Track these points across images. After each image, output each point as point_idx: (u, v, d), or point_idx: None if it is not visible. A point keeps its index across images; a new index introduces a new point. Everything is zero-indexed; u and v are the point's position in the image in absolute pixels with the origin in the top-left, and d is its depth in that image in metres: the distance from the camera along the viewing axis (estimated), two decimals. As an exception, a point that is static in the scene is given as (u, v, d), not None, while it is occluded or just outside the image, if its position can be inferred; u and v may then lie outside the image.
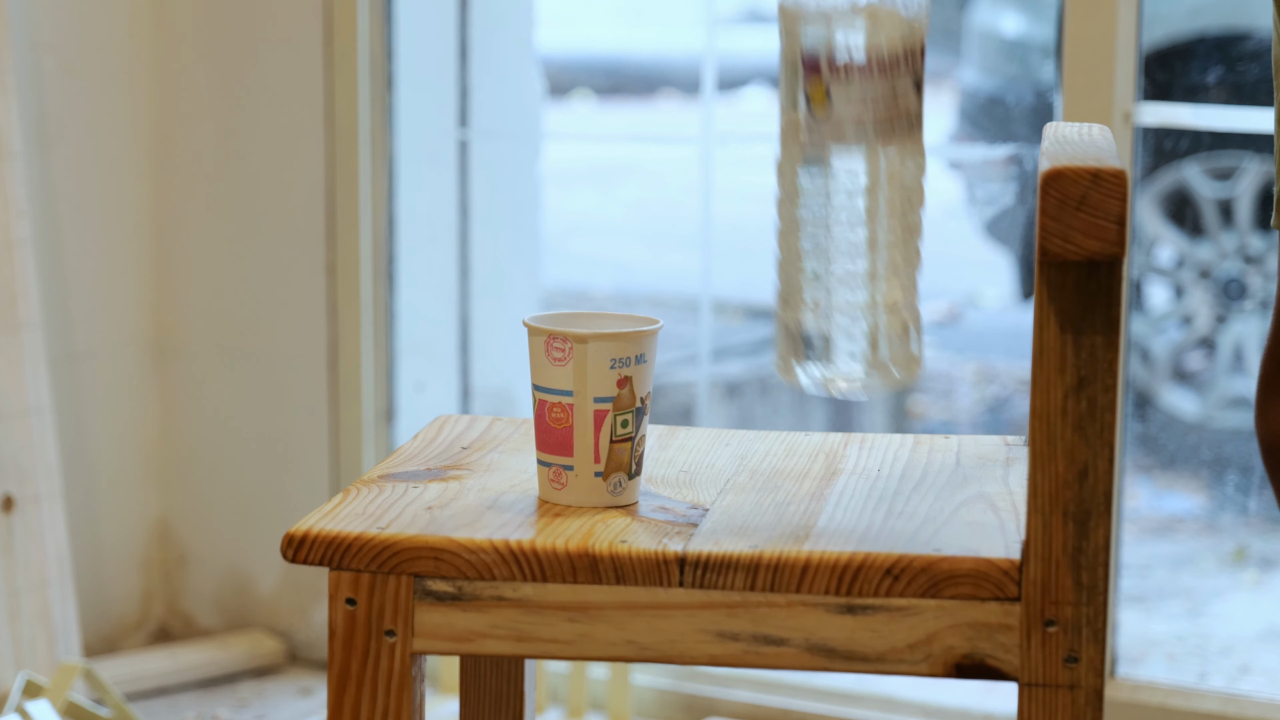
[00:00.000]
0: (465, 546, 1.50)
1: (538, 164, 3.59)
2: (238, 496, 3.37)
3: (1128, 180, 1.39)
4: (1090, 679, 1.46)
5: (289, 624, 3.36)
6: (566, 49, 7.02)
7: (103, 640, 3.33)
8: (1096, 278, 1.41)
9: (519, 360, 3.24)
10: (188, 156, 3.34)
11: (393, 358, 3.27)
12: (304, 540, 1.52)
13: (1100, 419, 1.43)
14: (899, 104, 1.55)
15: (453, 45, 3.36)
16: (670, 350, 4.09)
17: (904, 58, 1.54)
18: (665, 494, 1.63)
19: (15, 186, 2.99)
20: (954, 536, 1.51)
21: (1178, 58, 4.36)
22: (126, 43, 3.30)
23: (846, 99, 1.53)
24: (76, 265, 3.26)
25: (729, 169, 3.41)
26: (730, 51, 6.46)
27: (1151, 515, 4.25)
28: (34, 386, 3.01)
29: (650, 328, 1.61)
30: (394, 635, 1.51)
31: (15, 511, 2.99)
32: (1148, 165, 4.26)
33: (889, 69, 1.54)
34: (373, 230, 3.22)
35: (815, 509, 1.58)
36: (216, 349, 3.35)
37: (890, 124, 1.54)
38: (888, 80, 1.53)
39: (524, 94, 3.50)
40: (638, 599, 1.49)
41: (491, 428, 1.82)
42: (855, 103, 1.53)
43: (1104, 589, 1.45)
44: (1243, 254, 4.46)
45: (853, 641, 1.48)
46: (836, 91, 1.53)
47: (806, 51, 1.54)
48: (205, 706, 3.17)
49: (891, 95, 1.54)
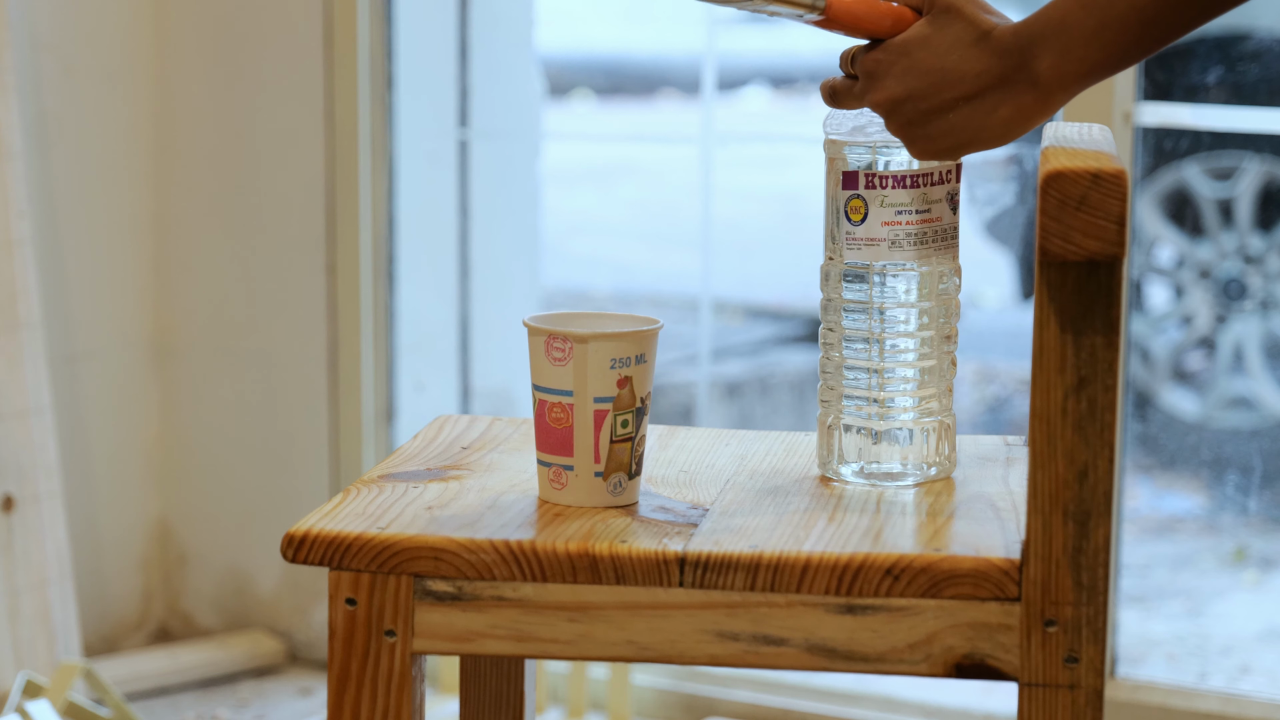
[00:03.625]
0: (465, 546, 1.50)
1: (538, 164, 3.59)
2: (238, 496, 3.37)
3: (1128, 180, 1.39)
4: (1090, 679, 1.45)
5: (289, 624, 3.36)
6: (566, 49, 7.02)
7: (103, 640, 3.33)
8: (1096, 278, 1.41)
9: (519, 360, 3.24)
10: (188, 156, 3.33)
11: (393, 358, 3.27)
12: (304, 540, 1.52)
13: (1100, 419, 1.43)
14: (933, 216, 1.62)
15: (453, 45, 3.36)
16: (670, 350, 4.09)
17: (940, 172, 1.61)
18: (665, 494, 1.63)
19: (15, 186, 2.99)
20: (954, 536, 1.51)
21: (1178, 58, 4.36)
22: (126, 43, 3.30)
23: (881, 210, 1.60)
24: (76, 265, 3.26)
25: (729, 169, 3.41)
26: (730, 51, 6.46)
27: (1151, 515, 4.25)
28: (34, 386, 3.01)
29: (650, 328, 1.61)
30: (394, 635, 1.51)
31: (15, 511, 2.99)
32: (1148, 165, 4.26)
33: (923, 182, 1.60)
34: (373, 230, 3.22)
35: (815, 509, 1.58)
36: (216, 349, 3.35)
37: (923, 237, 1.61)
38: (921, 191, 1.60)
39: (524, 94, 3.50)
40: (638, 599, 1.49)
41: (491, 428, 1.82)
42: (890, 212, 1.60)
43: (1104, 589, 1.45)
44: (1243, 254, 4.46)
45: (853, 641, 1.48)
46: (872, 202, 1.61)
47: (847, 171, 1.62)
48: (205, 706, 3.17)
49: (925, 207, 1.61)
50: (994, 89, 1.45)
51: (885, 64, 1.49)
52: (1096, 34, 1.40)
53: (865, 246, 1.62)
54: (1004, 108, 1.47)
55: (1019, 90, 1.45)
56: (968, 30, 1.46)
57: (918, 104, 1.49)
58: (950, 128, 1.49)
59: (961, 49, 1.45)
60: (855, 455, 1.65)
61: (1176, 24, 1.38)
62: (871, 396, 1.63)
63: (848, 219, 1.62)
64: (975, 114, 1.47)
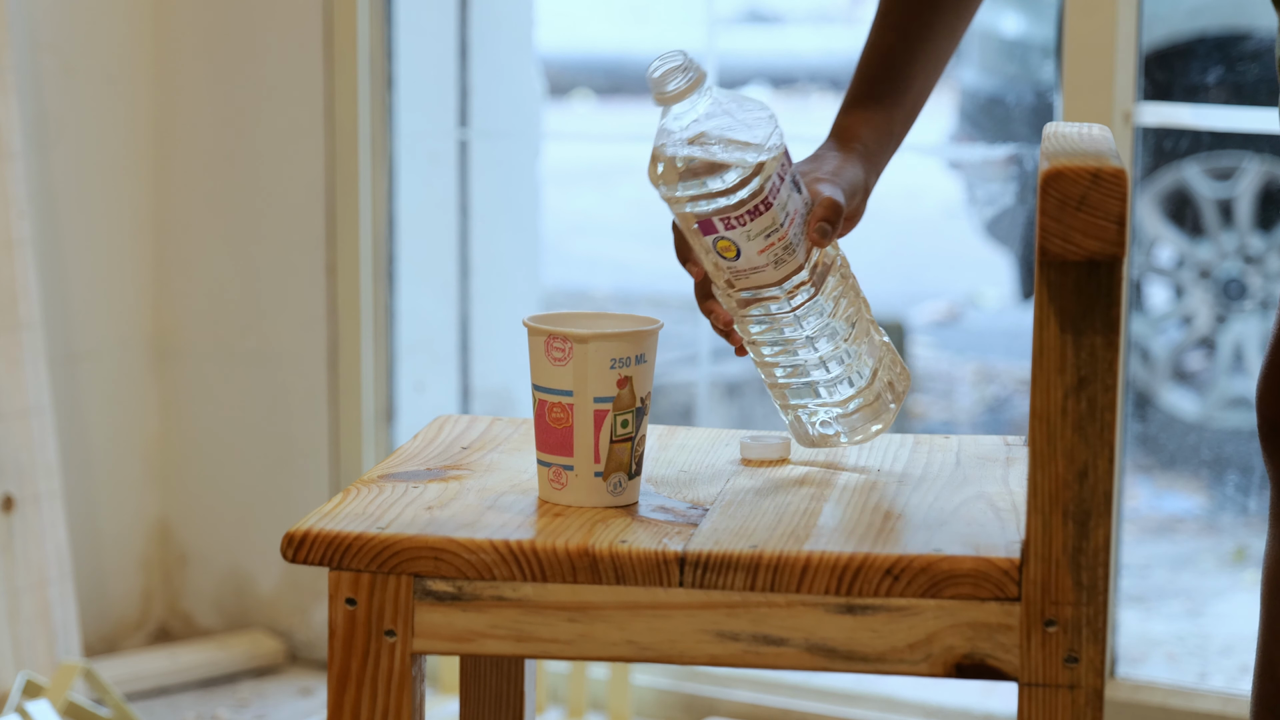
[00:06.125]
0: (465, 546, 1.50)
1: (538, 164, 3.59)
2: (238, 496, 3.37)
3: (1128, 180, 1.39)
4: (1090, 679, 1.46)
5: (289, 624, 3.36)
6: (566, 49, 7.02)
7: (103, 640, 3.33)
8: (1096, 278, 1.41)
9: (519, 360, 3.24)
10: (188, 156, 3.34)
11: (393, 358, 3.27)
12: (304, 540, 1.52)
13: (1100, 419, 1.43)
14: (790, 215, 1.63)
15: (453, 45, 3.36)
16: (670, 350, 4.09)
17: (774, 181, 1.61)
18: (665, 494, 1.63)
19: (15, 186, 2.99)
20: (954, 537, 1.51)
21: (1178, 58, 4.36)
22: (126, 43, 3.30)
23: (748, 239, 1.61)
24: (76, 265, 3.26)
25: (729, 169, 3.40)
26: (730, 51, 6.46)
27: (1151, 515, 4.25)
28: (34, 386, 3.01)
29: (650, 328, 1.61)
30: (394, 635, 1.51)
31: (15, 511, 2.99)
32: (1148, 165, 4.26)
33: (764, 202, 1.60)
34: (373, 230, 3.22)
35: (815, 509, 1.58)
36: (216, 349, 3.35)
37: (794, 242, 1.62)
38: (770, 211, 1.61)
39: (524, 94, 3.50)
40: (638, 599, 1.49)
41: (491, 428, 1.82)
42: (758, 239, 1.61)
43: (1104, 589, 1.45)
44: (1243, 254, 4.46)
45: (853, 641, 1.48)
46: (736, 237, 1.61)
47: (697, 221, 1.62)
48: (205, 706, 3.17)
49: (781, 218, 1.62)
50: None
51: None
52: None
53: (753, 274, 1.63)
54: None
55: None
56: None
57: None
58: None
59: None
60: (827, 415, 1.69)
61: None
62: (823, 381, 1.68)
63: (722, 257, 1.63)
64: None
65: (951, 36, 1.79)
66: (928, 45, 1.78)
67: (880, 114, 1.75)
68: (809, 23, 7.68)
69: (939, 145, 5.05)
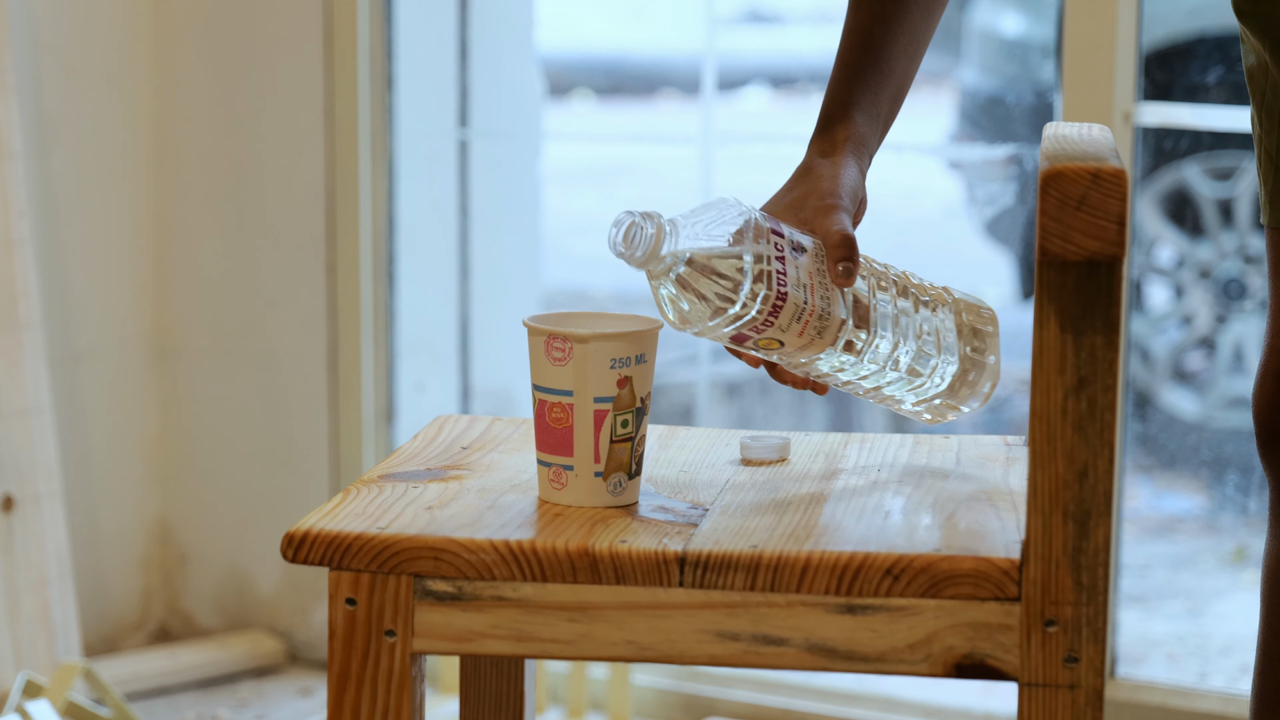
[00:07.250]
0: (465, 546, 1.50)
1: (538, 164, 3.59)
2: (238, 496, 3.37)
3: (1128, 180, 1.39)
4: (1090, 679, 1.46)
5: (289, 624, 3.36)
6: (566, 49, 7.02)
7: (103, 640, 3.33)
8: (1096, 278, 1.41)
9: (519, 360, 3.24)
10: (188, 156, 3.34)
11: (393, 358, 3.27)
12: (304, 540, 1.52)
13: (1100, 419, 1.43)
14: (814, 287, 1.62)
15: (453, 45, 3.36)
16: (670, 350, 4.09)
17: (776, 267, 1.59)
18: (665, 494, 1.63)
19: (15, 186, 2.99)
20: (954, 536, 1.51)
21: (1178, 58, 4.36)
22: (126, 43, 3.30)
23: (782, 332, 1.60)
24: (76, 265, 3.26)
25: (729, 169, 3.40)
26: (730, 51, 6.46)
27: (1151, 515, 4.25)
28: (34, 386, 3.01)
29: (650, 327, 1.61)
30: (394, 635, 1.51)
31: (15, 511, 2.99)
32: (1148, 165, 4.26)
33: (780, 296, 1.59)
34: (373, 230, 3.22)
35: (815, 509, 1.58)
36: (216, 349, 3.35)
37: (824, 314, 1.62)
38: (789, 300, 1.59)
39: (524, 94, 3.50)
40: (638, 599, 1.49)
41: (491, 428, 1.82)
42: (791, 328, 1.60)
43: (1104, 589, 1.45)
44: (1243, 254, 4.46)
45: (853, 641, 1.48)
46: (772, 335, 1.60)
47: (731, 339, 1.62)
48: (205, 706, 3.17)
49: (804, 298, 1.61)
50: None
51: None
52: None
53: (802, 351, 1.63)
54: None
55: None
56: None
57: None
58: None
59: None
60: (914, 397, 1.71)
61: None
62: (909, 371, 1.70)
63: (769, 351, 1.62)
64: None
65: (928, 19, 1.80)
66: (905, 25, 1.79)
67: (865, 96, 1.76)
68: (809, 23, 7.68)
69: (939, 145, 5.05)
